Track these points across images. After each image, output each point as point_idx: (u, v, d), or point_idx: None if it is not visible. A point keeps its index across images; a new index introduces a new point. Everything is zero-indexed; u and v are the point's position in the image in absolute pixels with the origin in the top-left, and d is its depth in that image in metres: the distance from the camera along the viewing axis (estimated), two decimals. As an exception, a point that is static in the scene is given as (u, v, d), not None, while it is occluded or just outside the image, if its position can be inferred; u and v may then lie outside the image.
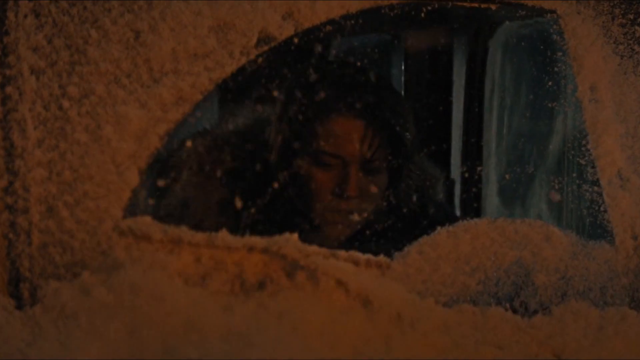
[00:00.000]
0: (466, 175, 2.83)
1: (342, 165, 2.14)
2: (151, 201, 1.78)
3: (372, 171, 2.16)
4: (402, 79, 2.94)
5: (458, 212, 2.77)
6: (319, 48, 2.02)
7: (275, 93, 2.20)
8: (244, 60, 1.76)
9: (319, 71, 2.16)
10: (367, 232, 2.21)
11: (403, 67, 2.94)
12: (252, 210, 2.17)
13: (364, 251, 1.81)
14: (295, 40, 1.82)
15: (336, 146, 2.13)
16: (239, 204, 2.16)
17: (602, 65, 1.94)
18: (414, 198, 2.29)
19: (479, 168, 2.80)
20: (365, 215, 2.17)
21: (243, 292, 1.68)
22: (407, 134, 2.16)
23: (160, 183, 2.15)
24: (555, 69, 2.20)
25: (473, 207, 2.81)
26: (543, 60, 2.44)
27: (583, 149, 1.96)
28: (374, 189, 2.16)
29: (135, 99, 1.71)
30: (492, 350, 1.73)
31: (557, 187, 2.39)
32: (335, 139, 2.13)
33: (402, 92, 2.91)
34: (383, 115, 2.13)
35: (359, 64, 2.23)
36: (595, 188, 1.96)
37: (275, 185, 2.17)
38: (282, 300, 1.68)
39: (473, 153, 2.81)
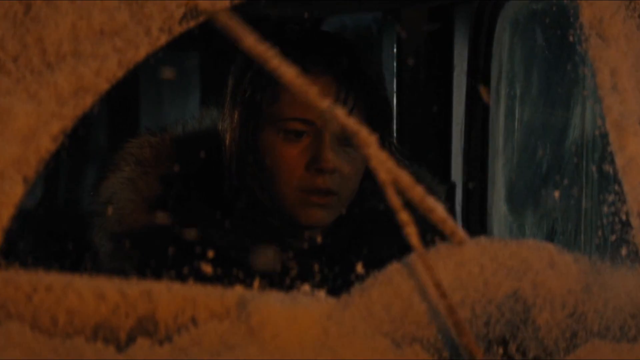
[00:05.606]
0: (469, 178, 2.66)
1: (314, 133, 1.97)
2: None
3: (350, 139, 1.94)
4: (395, 64, 2.79)
5: (460, 222, 2.60)
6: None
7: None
8: (164, 39, 1.49)
9: (275, 34, 1.98)
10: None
11: (395, 51, 2.80)
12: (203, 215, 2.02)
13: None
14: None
15: (305, 109, 1.94)
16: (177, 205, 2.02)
17: (624, 46, 1.68)
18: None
19: (484, 169, 2.63)
20: (344, 198, 2.00)
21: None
22: (385, 96, 2.03)
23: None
24: (573, 51, 2.01)
25: (477, 216, 2.62)
26: (559, 41, 2.32)
27: (603, 148, 1.77)
28: (353, 163, 1.98)
29: (22, 89, 1.45)
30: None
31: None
32: (303, 101, 1.96)
33: (395, 80, 2.79)
34: (356, 71, 1.97)
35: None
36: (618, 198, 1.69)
37: (233, 179, 2.02)
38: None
39: (477, 151, 2.65)
